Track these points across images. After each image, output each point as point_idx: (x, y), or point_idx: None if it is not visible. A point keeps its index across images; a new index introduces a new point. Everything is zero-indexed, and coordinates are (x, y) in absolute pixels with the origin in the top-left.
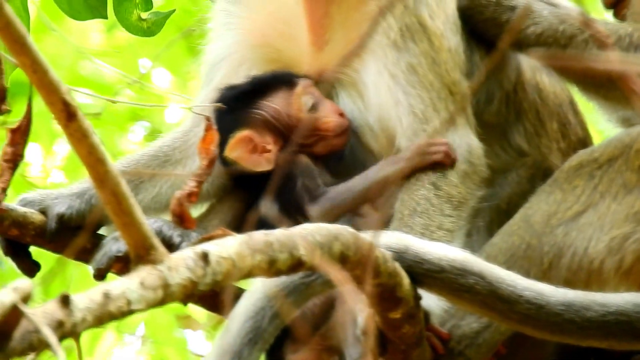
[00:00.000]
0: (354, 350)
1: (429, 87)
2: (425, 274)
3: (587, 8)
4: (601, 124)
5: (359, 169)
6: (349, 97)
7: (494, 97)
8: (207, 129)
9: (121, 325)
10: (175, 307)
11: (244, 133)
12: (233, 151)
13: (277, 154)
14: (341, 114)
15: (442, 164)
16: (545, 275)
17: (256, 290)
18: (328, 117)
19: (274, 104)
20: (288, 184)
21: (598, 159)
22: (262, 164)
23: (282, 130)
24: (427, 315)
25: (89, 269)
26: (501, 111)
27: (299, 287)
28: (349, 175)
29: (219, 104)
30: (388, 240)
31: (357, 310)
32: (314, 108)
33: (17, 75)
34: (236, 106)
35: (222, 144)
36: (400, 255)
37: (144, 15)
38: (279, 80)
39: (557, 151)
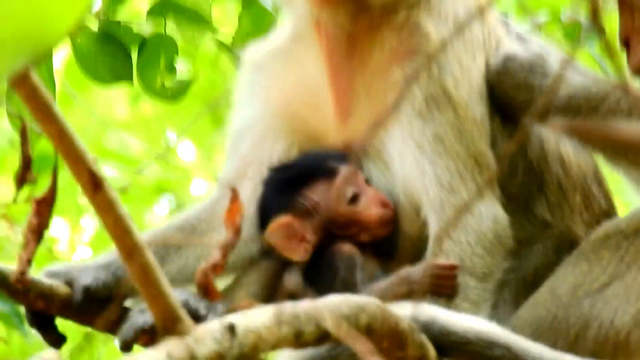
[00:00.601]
0: None
1: (455, 157)
2: (451, 346)
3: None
4: (627, 195)
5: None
6: (376, 168)
7: (518, 169)
8: (233, 200)
9: None
10: None
11: (285, 219)
12: (272, 236)
13: (316, 245)
14: (385, 204)
15: (445, 294)
16: (572, 347)
17: (286, 356)
18: (370, 209)
19: (314, 195)
20: (327, 271)
21: (624, 230)
22: (299, 252)
23: (322, 222)
24: None
25: (115, 342)
26: (525, 183)
27: (327, 359)
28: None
29: (243, 176)
30: (414, 312)
31: None
32: (355, 199)
33: (42, 148)
34: (282, 189)
35: (264, 223)
36: (427, 327)
37: (168, 81)
38: (321, 169)
39: (580, 223)
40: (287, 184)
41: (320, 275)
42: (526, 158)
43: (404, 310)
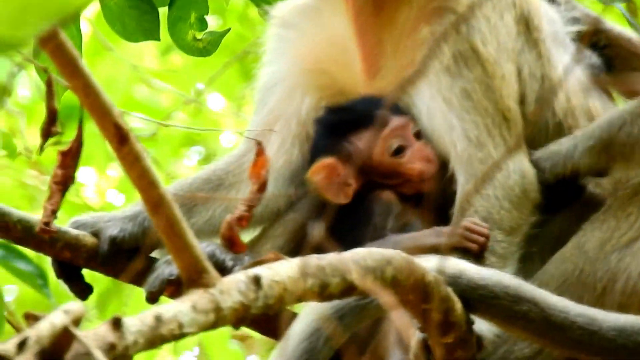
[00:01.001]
0: None
1: (483, 113)
2: (479, 299)
3: None
4: None
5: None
6: None
7: (549, 125)
8: (259, 153)
9: (177, 345)
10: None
11: (329, 161)
12: (315, 175)
13: (357, 188)
14: (429, 159)
15: (473, 252)
16: (598, 300)
17: (311, 312)
18: (413, 163)
19: (360, 142)
20: (361, 216)
21: None
22: (339, 196)
23: (365, 169)
24: (479, 340)
25: (143, 292)
26: (554, 138)
27: (354, 310)
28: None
29: (270, 130)
30: (442, 265)
31: (408, 334)
32: (399, 151)
33: (68, 98)
34: (331, 132)
35: (310, 162)
36: (454, 281)
37: (199, 35)
38: (370, 117)
39: (608, 179)
40: (337, 127)
41: (352, 222)
42: (555, 114)
43: (431, 263)
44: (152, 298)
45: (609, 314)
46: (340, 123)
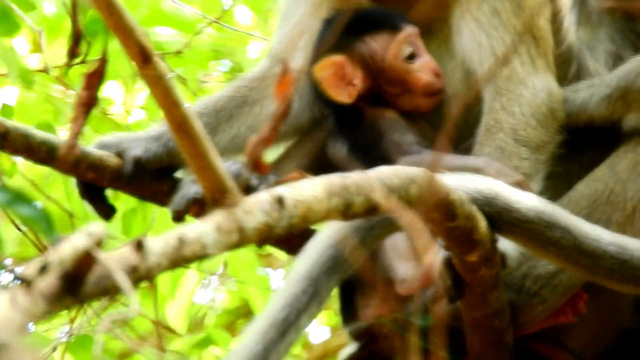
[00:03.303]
0: (430, 293)
1: (512, 31)
2: (512, 222)
3: None
4: None
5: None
6: (434, 43)
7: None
8: (284, 72)
9: (202, 265)
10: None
11: (338, 58)
12: (322, 70)
13: (360, 92)
14: (437, 74)
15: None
16: (628, 220)
17: (338, 223)
18: (422, 72)
19: (375, 43)
20: (374, 137)
21: None
22: (342, 94)
23: (373, 71)
24: (503, 257)
25: (168, 211)
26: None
27: (382, 222)
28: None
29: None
30: (478, 185)
31: (431, 251)
32: (411, 59)
33: (94, 15)
34: (345, 31)
35: (317, 59)
36: (489, 201)
37: None
38: (387, 21)
39: None
40: (352, 26)
41: (367, 142)
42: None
43: (467, 183)
44: (178, 217)
45: None
46: (356, 22)
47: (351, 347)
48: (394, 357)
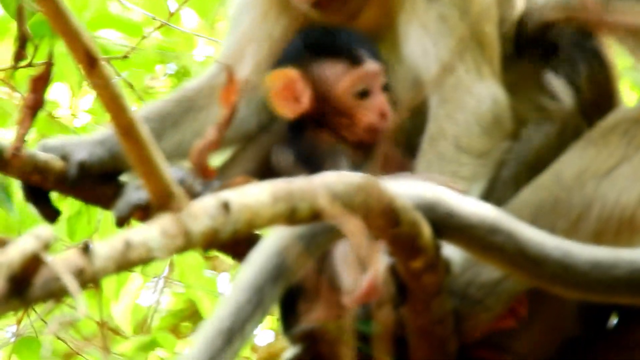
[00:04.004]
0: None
1: (458, 37)
2: (455, 228)
3: None
4: None
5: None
6: (382, 49)
7: (524, 50)
8: (229, 78)
9: (147, 268)
10: None
11: (292, 72)
12: (273, 80)
13: (305, 111)
14: (383, 115)
15: None
16: (573, 227)
17: (283, 230)
18: (368, 111)
19: (330, 70)
20: (314, 154)
21: (635, 116)
22: (286, 109)
23: (321, 96)
24: (447, 264)
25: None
26: (530, 66)
27: (326, 229)
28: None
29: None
30: (420, 192)
31: (376, 260)
32: (362, 96)
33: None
34: (309, 47)
35: (273, 67)
36: (432, 207)
37: None
38: (350, 51)
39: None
40: (315, 47)
41: (308, 156)
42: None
43: (408, 189)
44: (121, 222)
45: (584, 247)
46: (321, 44)
47: (292, 350)
48: None
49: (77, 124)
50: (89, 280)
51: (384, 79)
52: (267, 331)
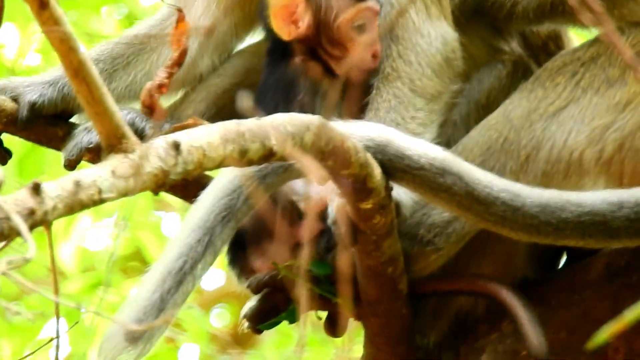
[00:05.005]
0: (323, 241)
1: None
2: (404, 169)
3: None
4: None
5: None
6: None
7: None
8: (180, 20)
9: (97, 209)
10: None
11: None
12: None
13: (300, 36)
14: (375, 54)
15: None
16: (522, 168)
17: (232, 170)
18: (360, 46)
19: (334, 1)
20: (291, 83)
21: (581, 58)
22: (283, 29)
23: (321, 24)
24: (397, 206)
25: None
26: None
27: (276, 170)
28: None
29: None
30: (370, 133)
31: (327, 200)
32: (359, 31)
33: None
34: None
35: None
36: (382, 149)
37: None
38: None
39: (535, 52)
40: None
41: (283, 82)
42: None
43: (359, 130)
44: (70, 165)
45: (533, 189)
46: None
47: (252, 301)
48: (292, 306)
49: (25, 65)
50: (39, 221)
51: (377, 22)
52: (216, 271)
